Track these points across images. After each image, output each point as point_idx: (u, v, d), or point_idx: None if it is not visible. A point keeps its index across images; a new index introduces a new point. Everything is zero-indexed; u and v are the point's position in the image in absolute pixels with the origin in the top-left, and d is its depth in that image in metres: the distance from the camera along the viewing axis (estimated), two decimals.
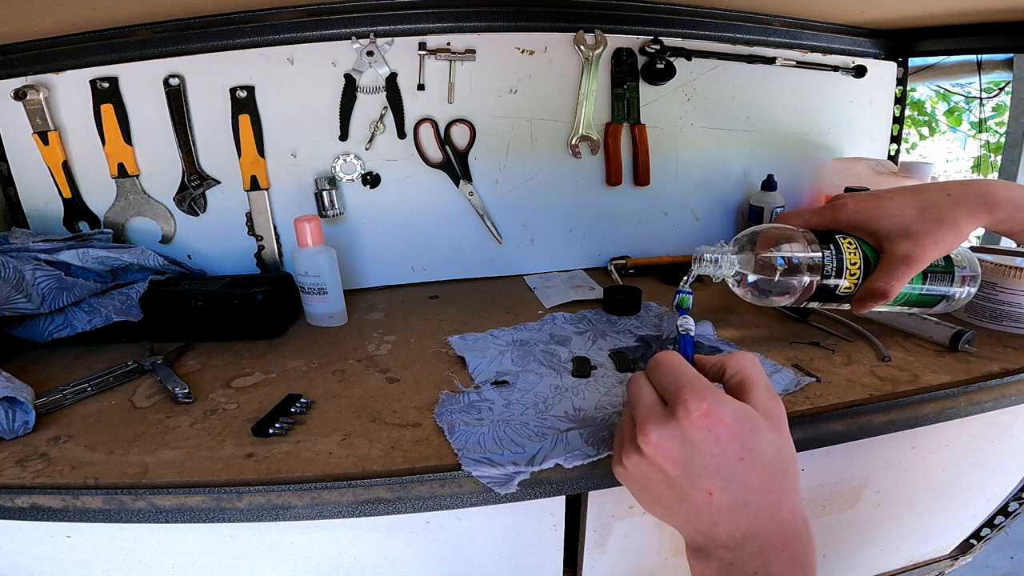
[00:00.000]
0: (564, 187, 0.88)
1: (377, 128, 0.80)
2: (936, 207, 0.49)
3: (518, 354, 0.61)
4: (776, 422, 0.36)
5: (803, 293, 0.52)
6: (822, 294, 0.52)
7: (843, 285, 0.51)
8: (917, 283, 0.53)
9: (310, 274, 0.70)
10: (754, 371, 0.38)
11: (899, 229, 0.50)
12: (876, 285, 0.50)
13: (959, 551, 0.82)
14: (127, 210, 0.80)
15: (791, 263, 0.51)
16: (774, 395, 0.37)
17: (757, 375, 0.38)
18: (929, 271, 0.53)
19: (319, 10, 0.75)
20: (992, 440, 0.63)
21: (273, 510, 0.43)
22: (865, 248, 0.52)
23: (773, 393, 0.38)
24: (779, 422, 0.36)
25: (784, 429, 0.36)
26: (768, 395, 0.37)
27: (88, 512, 0.43)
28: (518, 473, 0.42)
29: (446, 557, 0.53)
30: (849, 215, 0.53)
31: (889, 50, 0.98)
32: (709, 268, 0.53)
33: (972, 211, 0.49)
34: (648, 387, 0.38)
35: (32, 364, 0.64)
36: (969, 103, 2.06)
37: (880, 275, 0.50)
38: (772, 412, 0.36)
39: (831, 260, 0.51)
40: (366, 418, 0.51)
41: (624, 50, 0.84)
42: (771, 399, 0.37)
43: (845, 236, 0.53)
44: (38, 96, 0.73)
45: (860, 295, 0.52)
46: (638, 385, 0.38)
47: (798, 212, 0.55)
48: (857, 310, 0.52)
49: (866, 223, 0.52)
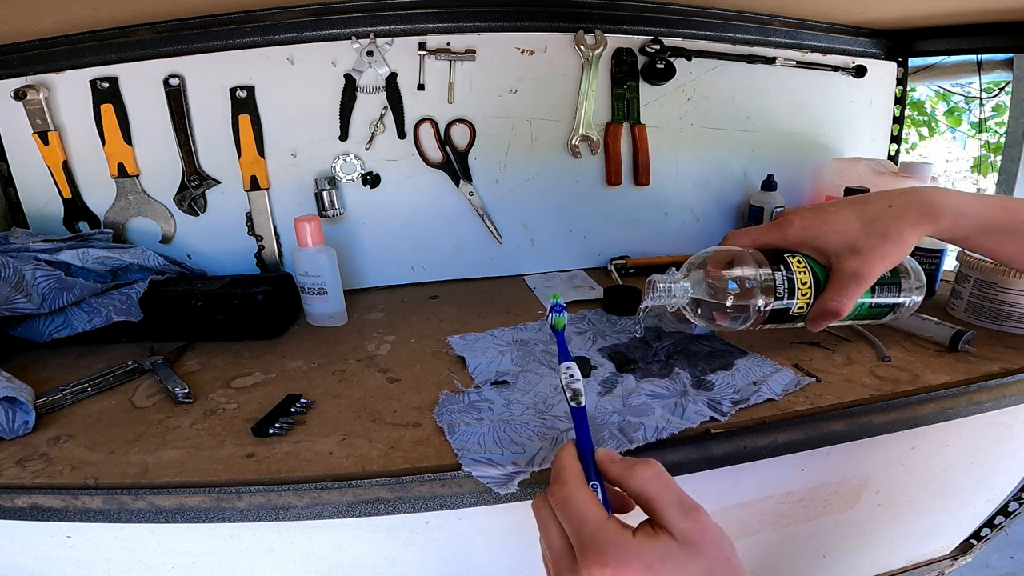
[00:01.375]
0: (564, 187, 0.88)
1: (377, 128, 0.80)
2: (880, 221, 0.50)
3: (518, 354, 0.61)
4: (696, 543, 0.30)
5: (758, 317, 0.52)
6: (776, 316, 0.52)
7: (796, 305, 0.51)
8: (867, 296, 0.53)
9: (310, 274, 0.70)
10: (657, 489, 0.33)
11: (846, 245, 0.51)
12: (828, 304, 0.51)
13: (959, 551, 0.82)
14: (127, 210, 0.80)
15: (744, 286, 0.51)
16: (688, 507, 0.32)
17: (662, 492, 0.33)
18: (877, 284, 0.53)
19: (319, 10, 0.75)
20: (992, 440, 0.63)
21: (273, 510, 0.43)
22: (814, 266, 0.52)
23: (687, 504, 0.32)
24: (699, 540, 0.31)
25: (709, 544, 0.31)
26: (681, 513, 0.31)
27: (88, 512, 0.43)
28: (518, 473, 0.42)
29: (446, 557, 0.53)
30: (796, 232, 0.53)
31: (889, 50, 0.98)
32: (663, 298, 0.52)
33: (914, 222, 0.50)
34: (555, 527, 0.34)
35: (32, 364, 0.64)
36: (969, 103, 2.06)
37: (831, 293, 0.51)
38: (689, 533, 0.31)
39: (782, 281, 0.51)
40: (366, 418, 0.51)
41: (624, 50, 0.84)
42: (686, 517, 0.31)
43: (794, 255, 0.53)
44: (38, 96, 0.73)
45: (813, 314, 0.52)
46: (545, 524, 0.34)
47: (746, 231, 0.55)
48: (812, 328, 0.53)
49: (813, 240, 0.52)
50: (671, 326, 0.67)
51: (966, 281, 0.65)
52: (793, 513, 0.60)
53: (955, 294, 0.67)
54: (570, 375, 0.39)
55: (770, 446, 0.48)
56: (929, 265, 0.73)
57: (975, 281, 0.64)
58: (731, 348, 0.60)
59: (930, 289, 0.74)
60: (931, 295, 0.75)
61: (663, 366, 0.57)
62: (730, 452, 0.47)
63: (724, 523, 0.33)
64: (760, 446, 0.48)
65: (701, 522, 0.31)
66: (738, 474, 0.51)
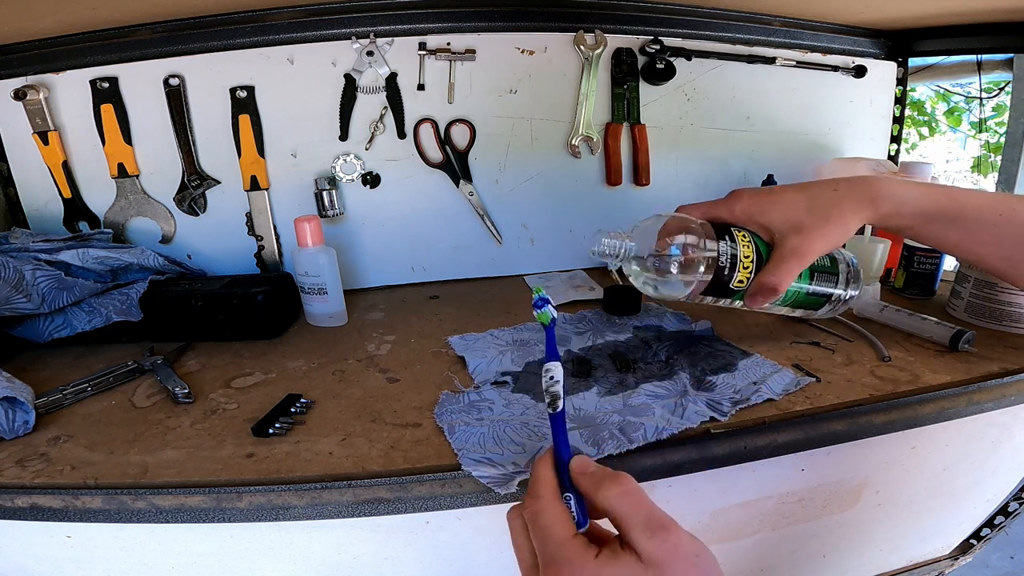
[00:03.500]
0: (564, 187, 0.88)
1: (377, 128, 0.80)
2: (824, 202, 0.51)
3: (518, 354, 0.61)
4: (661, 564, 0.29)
5: (698, 286, 0.52)
6: (717, 287, 0.53)
7: (736, 278, 0.52)
8: (805, 282, 0.54)
9: (310, 274, 0.70)
10: (624, 508, 0.31)
11: (789, 223, 0.52)
12: (767, 279, 0.52)
13: (959, 551, 0.82)
14: (127, 210, 0.80)
15: (687, 254, 0.51)
16: (656, 526, 0.30)
17: (629, 511, 0.31)
18: (817, 270, 0.55)
19: (319, 10, 0.75)
20: (992, 440, 0.63)
21: (273, 510, 0.43)
22: (758, 242, 0.53)
23: (656, 523, 0.30)
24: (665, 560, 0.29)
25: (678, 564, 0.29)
26: (647, 533, 0.30)
27: (88, 512, 0.43)
28: (518, 473, 0.42)
29: (446, 557, 0.53)
30: (744, 207, 0.54)
31: (889, 50, 0.98)
32: (610, 261, 0.53)
33: (856, 207, 0.51)
34: (525, 539, 0.33)
35: (32, 364, 0.64)
36: (969, 103, 2.06)
37: (771, 269, 0.52)
38: (655, 554, 0.29)
39: (726, 252, 0.52)
40: (366, 418, 0.51)
41: (624, 50, 0.84)
42: (652, 536, 0.30)
43: (740, 229, 0.54)
44: (38, 96, 0.73)
45: (752, 289, 0.53)
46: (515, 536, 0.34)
47: (696, 205, 0.56)
48: (749, 305, 0.54)
49: (759, 216, 0.53)
50: (671, 326, 0.67)
51: (966, 281, 0.65)
52: (793, 513, 0.60)
53: (955, 294, 0.67)
54: (550, 377, 0.37)
55: (770, 446, 0.48)
56: (929, 265, 0.73)
57: (975, 281, 0.64)
58: (731, 348, 0.60)
59: (930, 289, 0.74)
60: (931, 295, 0.75)
61: (663, 366, 0.57)
62: (730, 452, 0.47)
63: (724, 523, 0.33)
64: (760, 446, 0.48)
65: (669, 542, 0.30)
66: (738, 474, 0.51)
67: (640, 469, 0.45)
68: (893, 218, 0.51)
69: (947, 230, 0.51)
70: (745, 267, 0.52)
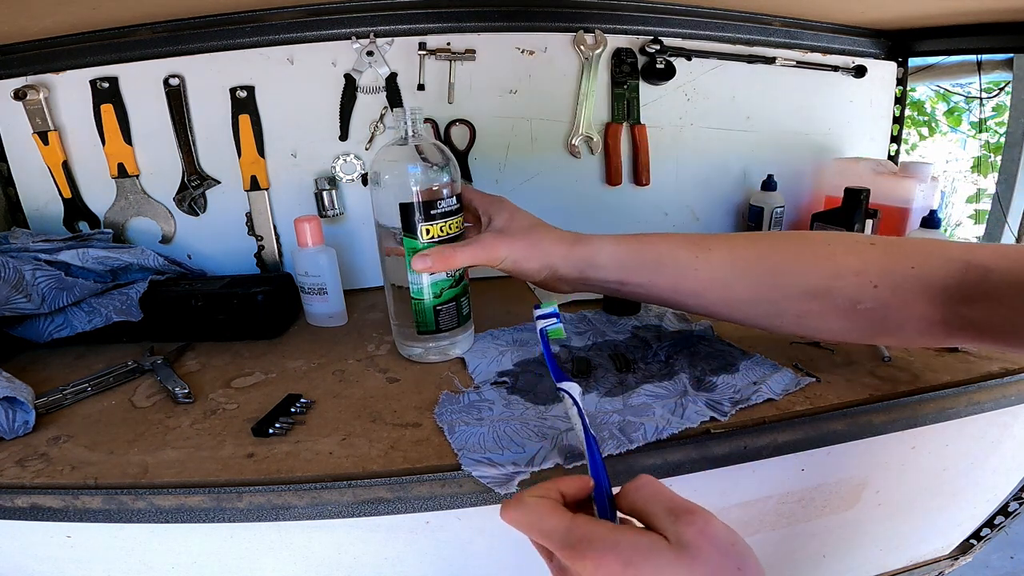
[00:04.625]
0: (564, 187, 0.88)
1: (377, 128, 0.80)
2: (542, 229, 0.56)
3: (518, 354, 0.61)
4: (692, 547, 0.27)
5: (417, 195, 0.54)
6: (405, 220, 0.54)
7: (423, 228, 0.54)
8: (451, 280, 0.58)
9: (310, 274, 0.70)
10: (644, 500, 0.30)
11: (503, 221, 0.56)
12: (440, 249, 0.54)
13: (959, 551, 0.82)
14: (127, 210, 0.80)
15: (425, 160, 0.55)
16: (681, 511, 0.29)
17: (650, 501, 0.30)
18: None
19: (319, 10, 0.75)
20: (992, 440, 0.63)
21: (273, 510, 0.43)
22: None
23: (679, 508, 0.29)
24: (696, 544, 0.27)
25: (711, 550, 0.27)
26: (671, 516, 0.28)
27: (88, 512, 0.43)
28: (518, 473, 0.42)
29: (446, 557, 0.53)
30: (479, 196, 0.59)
31: (889, 50, 0.98)
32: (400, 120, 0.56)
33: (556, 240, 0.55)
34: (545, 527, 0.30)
35: (32, 364, 0.64)
36: (969, 103, 2.06)
37: (451, 245, 0.54)
38: (683, 536, 0.27)
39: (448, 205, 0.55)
40: (366, 418, 0.51)
41: (624, 50, 0.84)
42: (677, 520, 0.28)
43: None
44: (38, 96, 0.73)
45: (423, 252, 0.54)
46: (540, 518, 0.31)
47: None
48: (414, 265, 0.54)
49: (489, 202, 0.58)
50: (672, 326, 0.67)
51: None
52: (793, 513, 0.60)
53: None
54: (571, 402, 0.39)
55: (770, 446, 0.48)
56: None
57: None
58: (731, 348, 0.60)
59: None
60: None
61: (663, 366, 0.57)
62: (730, 452, 0.47)
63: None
64: (760, 446, 0.48)
65: (696, 525, 0.28)
66: (738, 474, 0.51)
67: (640, 469, 0.45)
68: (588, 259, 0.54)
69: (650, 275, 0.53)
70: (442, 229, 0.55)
